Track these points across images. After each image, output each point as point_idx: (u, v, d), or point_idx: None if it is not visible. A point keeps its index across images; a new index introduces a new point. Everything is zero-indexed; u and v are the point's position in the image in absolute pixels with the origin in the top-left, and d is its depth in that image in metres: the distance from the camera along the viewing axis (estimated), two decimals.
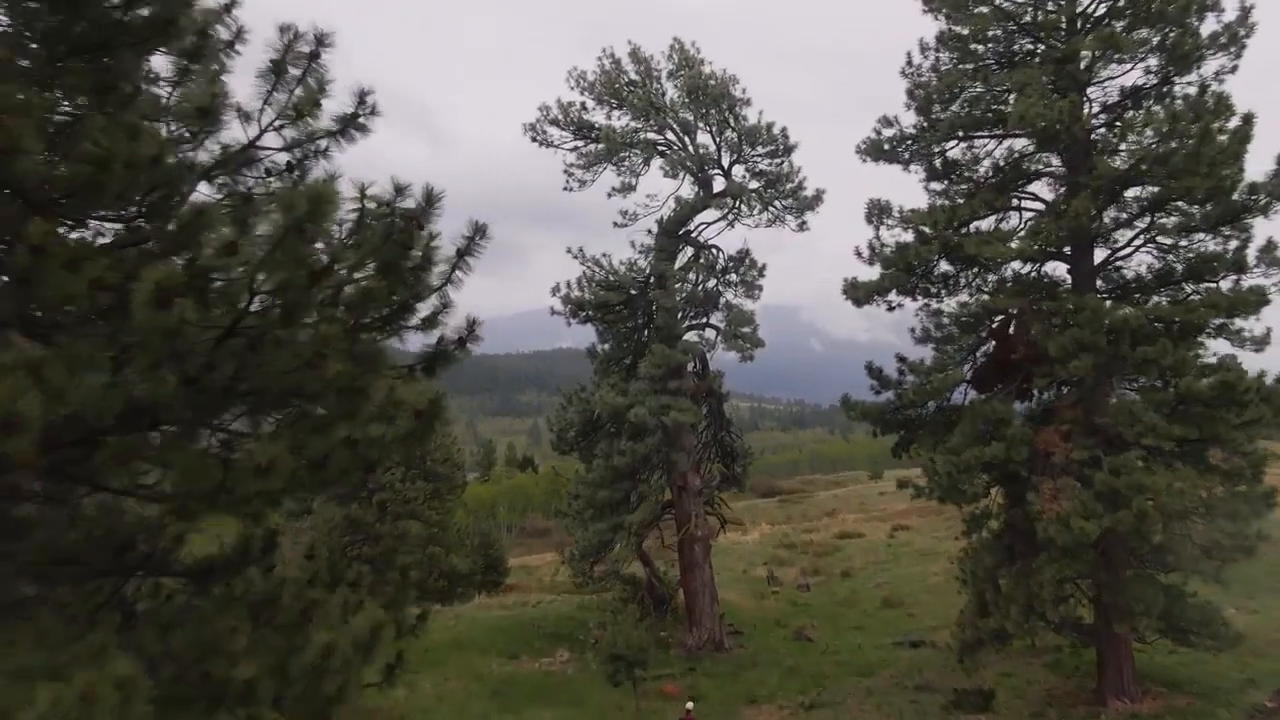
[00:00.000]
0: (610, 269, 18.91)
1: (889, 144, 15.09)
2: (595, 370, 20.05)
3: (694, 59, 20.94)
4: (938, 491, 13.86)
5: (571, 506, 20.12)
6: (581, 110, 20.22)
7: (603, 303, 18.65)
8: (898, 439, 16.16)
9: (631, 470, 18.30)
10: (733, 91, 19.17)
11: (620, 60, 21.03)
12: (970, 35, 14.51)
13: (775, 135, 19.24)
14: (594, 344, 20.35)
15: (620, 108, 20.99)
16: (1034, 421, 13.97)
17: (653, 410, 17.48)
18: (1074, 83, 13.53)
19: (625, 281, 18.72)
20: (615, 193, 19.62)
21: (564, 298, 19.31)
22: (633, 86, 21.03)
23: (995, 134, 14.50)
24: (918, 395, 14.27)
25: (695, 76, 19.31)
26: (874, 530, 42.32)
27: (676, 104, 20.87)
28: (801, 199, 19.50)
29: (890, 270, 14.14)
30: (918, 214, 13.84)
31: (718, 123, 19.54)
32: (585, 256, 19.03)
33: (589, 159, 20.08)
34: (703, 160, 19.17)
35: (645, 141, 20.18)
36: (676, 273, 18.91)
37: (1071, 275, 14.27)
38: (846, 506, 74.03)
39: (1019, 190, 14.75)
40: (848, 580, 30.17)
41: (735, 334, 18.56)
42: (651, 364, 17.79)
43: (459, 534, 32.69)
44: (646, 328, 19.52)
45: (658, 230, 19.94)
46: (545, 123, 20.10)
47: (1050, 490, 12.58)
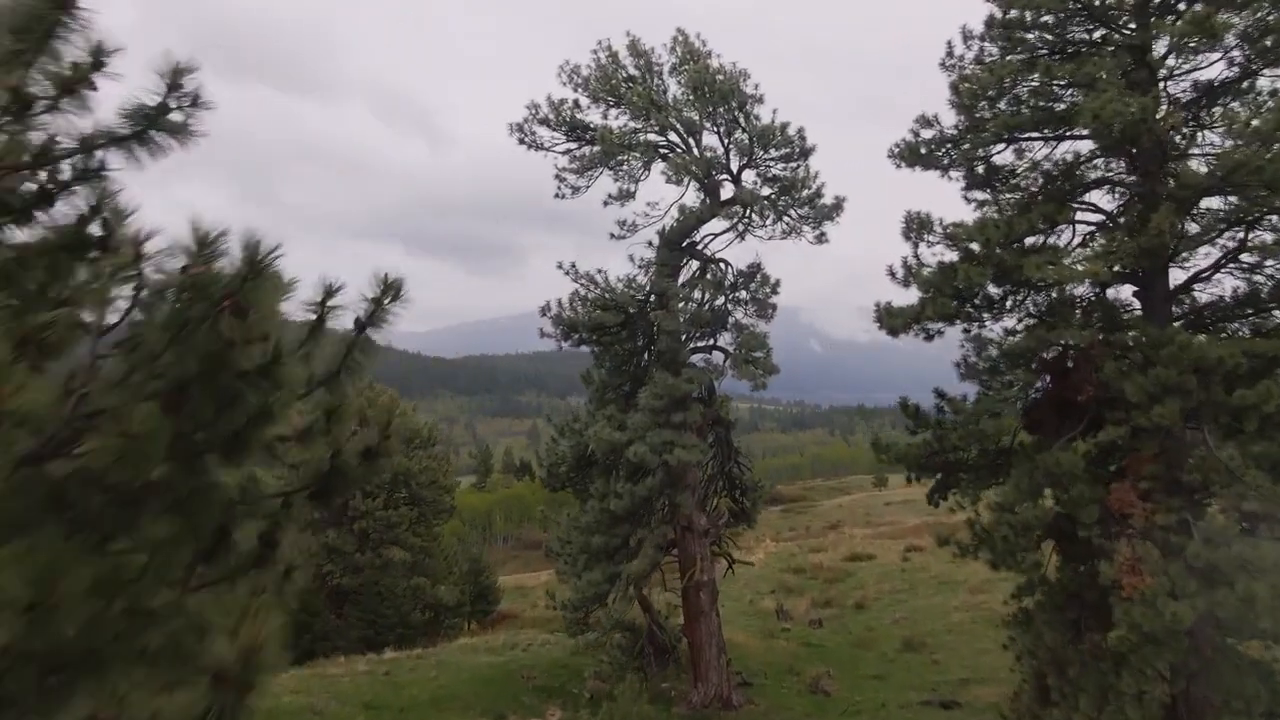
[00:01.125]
0: (606, 286, 16.88)
1: (928, 147, 13.07)
2: (590, 398, 18.02)
3: (699, 52, 18.91)
4: (988, 555, 11.87)
5: (564, 551, 18.10)
6: (574, 109, 18.20)
7: (598, 324, 16.63)
8: (934, 483, 14.15)
9: (630, 514, 16.29)
10: (743, 88, 17.15)
11: (618, 54, 19.01)
12: (1025, 21, 12.50)
13: (790, 137, 17.22)
14: (589, 368, 18.34)
15: (617, 106, 18.96)
16: (1094, 466, 11.98)
17: (654, 448, 15.47)
18: (1150, 76, 11.53)
19: (623, 300, 16.70)
20: (612, 201, 17.59)
21: (555, 318, 17.29)
22: (631, 83, 19.00)
23: (1053, 135, 12.48)
24: (962, 439, 12.26)
25: (701, 72, 17.29)
26: (885, 551, 40.33)
27: (680, 102, 18.85)
28: (820, 208, 17.48)
29: (931, 294, 12.11)
30: (966, 229, 11.81)
31: (726, 123, 17.52)
32: (578, 273, 17.02)
33: (583, 163, 18.05)
34: (709, 164, 17.14)
35: (645, 143, 18.16)
36: (680, 290, 16.87)
37: (1141, 300, 12.25)
38: (852, 518, 72.25)
39: (1078, 201, 12.73)
40: (862, 614, 28.22)
41: (746, 358, 16.54)
42: (653, 394, 15.77)
43: (447, 560, 30.71)
44: (647, 350, 17.51)
45: (659, 242, 17.92)
46: (534, 123, 18.08)
47: (1128, 560, 10.57)
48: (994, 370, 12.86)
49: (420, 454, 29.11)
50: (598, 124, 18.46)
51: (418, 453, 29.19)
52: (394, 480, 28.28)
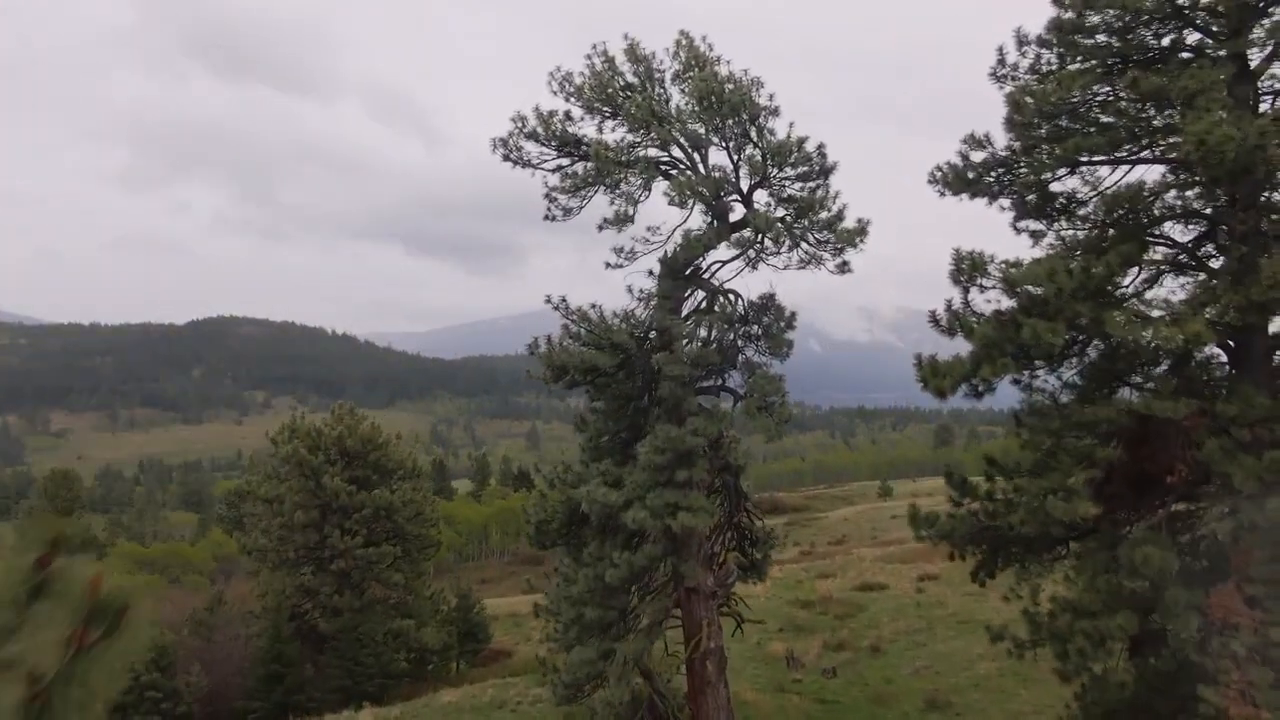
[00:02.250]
0: (600, 322, 14.90)
1: (978, 172, 11.13)
2: (582, 446, 16.03)
3: (705, 57, 16.93)
4: (1056, 659, 9.93)
5: (553, 624, 16.12)
6: (565, 121, 16.22)
7: (590, 366, 14.68)
8: (980, 558, 12.21)
9: (627, 584, 14.33)
10: (756, 98, 15.17)
11: (614, 59, 17.04)
12: (1093, 24, 10.56)
13: (809, 153, 15.24)
14: (580, 412, 16.36)
15: (614, 118, 16.99)
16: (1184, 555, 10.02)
17: (655, 511, 13.53)
18: (1253, 90, 9.60)
19: (619, 339, 14.73)
20: (608, 225, 15.63)
21: (543, 357, 15.32)
22: (629, 91, 17.04)
23: (1130, 159, 10.53)
24: (1026, 519, 10.30)
25: (708, 80, 15.32)
26: (897, 578, 38.34)
27: (684, 113, 16.89)
28: (841, 232, 15.48)
29: (984, 348, 10.15)
30: (1029, 272, 9.85)
31: (736, 137, 15.55)
32: (568, 309, 15.05)
33: (575, 181, 16.06)
34: (718, 184, 15.16)
35: (645, 160, 16.18)
36: (684, 327, 14.88)
37: (1232, 358, 10.31)
38: (858, 532, 70.31)
39: (1154, 237, 10.79)
40: (879, 659, 26.29)
41: (760, 405, 14.57)
42: (654, 449, 13.81)
43: (432, 599, 28.73)
44: (647, 392, 15.54)
45: (661, 271, 15.95)
46: (520, 137, 16.09)
47: (1238, 685, 8.62)
48: (1049, 428, 10.90)
49: (404, 486, 27.14)
50: (592, 138, 16.50)
51: (401, 485, 27.21)
52: (375, 515, 26.31)
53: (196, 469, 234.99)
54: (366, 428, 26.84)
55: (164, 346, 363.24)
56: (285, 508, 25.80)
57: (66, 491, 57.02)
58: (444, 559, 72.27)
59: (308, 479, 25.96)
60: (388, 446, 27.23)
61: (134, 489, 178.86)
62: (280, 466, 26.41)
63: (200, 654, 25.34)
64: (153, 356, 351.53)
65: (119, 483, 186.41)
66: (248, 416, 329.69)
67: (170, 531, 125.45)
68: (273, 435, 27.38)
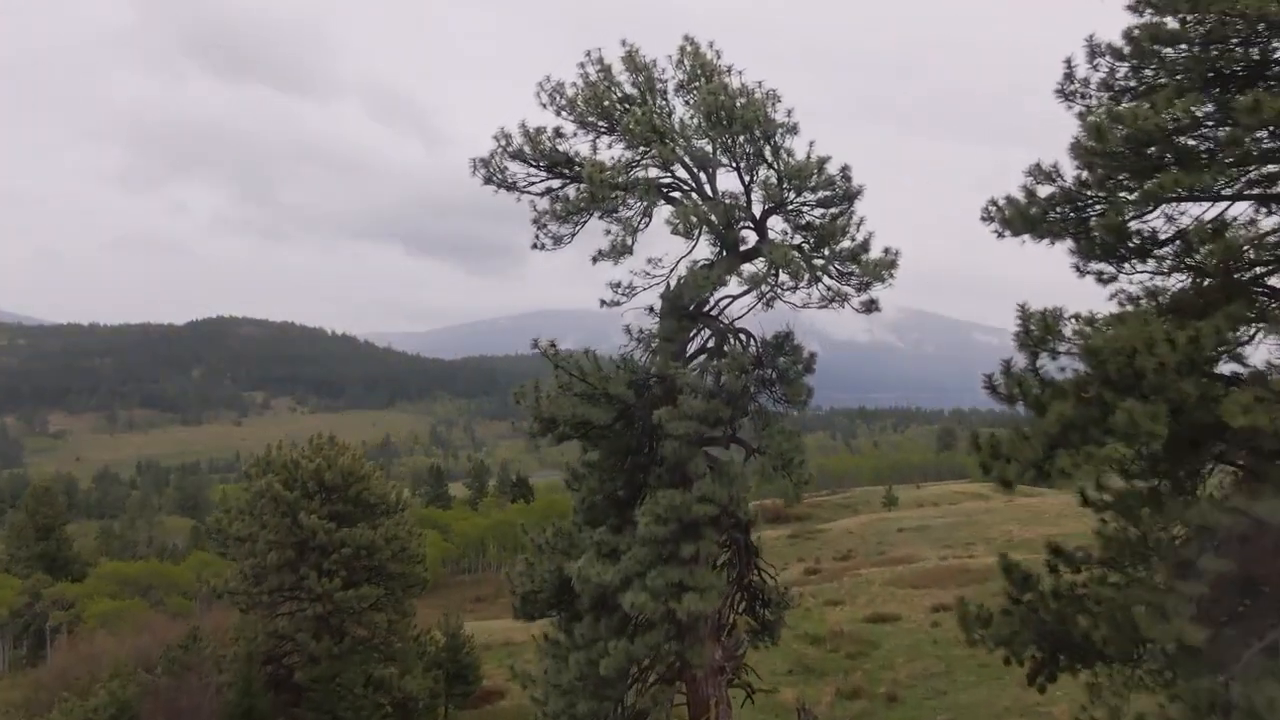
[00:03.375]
0: (596, 371, 13.05)
1: (1044, 209, 9.29)
2: (574, 507, 14.17)
3: (712, 65, 15.10)
4: None
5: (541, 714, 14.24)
6: (555, 139, 14.36)
7: (583, 421, 12.86)
8: (1037, 661, 10.38)
9: (624, 674, 12.51)
10: (771, 114, 13.31)
11: (610, 68, 15.20)
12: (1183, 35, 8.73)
13: (831, 176, 13.39)
14: (572, 466, 14.50)
15: (611, 133, 15.17)
16: None
17: (657, 593, 11.72)
18: None
19: (617, 390, 12.90)
20: (603, 258, 13.78)
21: (530, 409, 13.49)
22: (628, 104, 15.22)
23: (1239, 197, 8.69)
24: (1109, 635, 8.47)
25: (716, 93, 13.47)
26: (910, 607, 36.54)
27: (689, 128, 15.07)
28: (868, 265, 13.63)
29: (1062, 430, 8.31)
30: (1117, 337, 8.02)
31: (749, 156, 13.71)
32: (558, 355, 13.21)
33: (567, 206, 14.20)
34: (728, 211, 13.29)
35: (645, 182, 14.33)
36: (690, 374, 13.00)
37: None
38: (864, 546, 68.36)
39: (1264, 288, 8.95)
40: (896, 710, 24.50)
41: (780, 463, 12.73)
42: (655, 518, 12.00)
43: (418, 640, 26.90)
44: (647, 446, 13.70)
45: (662, 308, 14.13)
46: (504, 156, 14.25)
47: None
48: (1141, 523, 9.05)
49: (386, 522, 25.30)
50: (585, 157, 14.67)
51: (383, 520, 25.39)
52: (355, 554, 24.50)
53: (195, 471, 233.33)
54: (347, 460, 25.01)
55: (163, 347, 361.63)
56: (259, 547, 23.98)
57: (48, 508, 55.24)
58: (439, 575, 70.44)
59: (283, 516, 24.13)
60: (370, 479, 25.39)
61: (130, 493, 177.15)
62: (254, 502, 24.58)
63: (168, 705, 23.55)
64: (152, 357, 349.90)
65: (115, 486, 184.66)
66: (247, 417, 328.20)
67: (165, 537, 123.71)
68: (247, 468, 25.55)
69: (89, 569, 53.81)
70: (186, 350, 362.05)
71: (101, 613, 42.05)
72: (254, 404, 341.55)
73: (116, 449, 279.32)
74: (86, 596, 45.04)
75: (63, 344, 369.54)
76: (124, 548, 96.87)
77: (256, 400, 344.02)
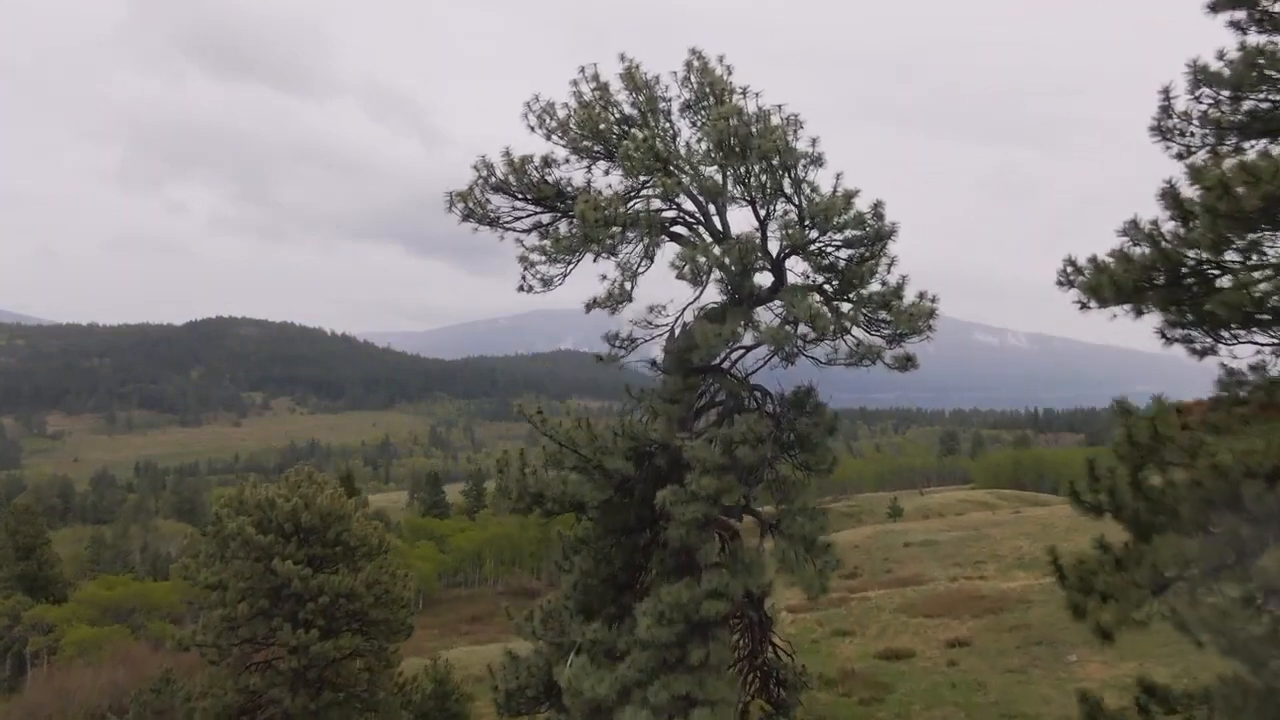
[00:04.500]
0: (590, 442, 11.26)
1: (1140, 275, 7.52)
2: (566, 593, 12.35)
3: (722, 84, 13.32)
4: None
5: None
6: (544, 168, 12.58)
7: (575, 500, 11.10)
8: None
9: None
10: (792, 142, 11.52)
11: (607, 86, 13.43)
12: None
13: (861, 214, 11.60)
14: (564, 545, 12.72)
15: (608, 159, 13.41)
16: None
17: (660, 708, 9.97)
18: None
19: (614, 464, 11.13)
20: (599, 307, 12.00)
21: (514, 482, 11.69)
22: (627, 125, 13.46)
23: None
24: None
25: (729, 117, 11.68)
26: (924, 641, 34.73)
27: (696, 154, 13.32)
28: (903, 315, 11.85)
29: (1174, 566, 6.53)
30: (1249, 452, 6.24)
31: (766, 189, 11.93)
32: (545, 423, 11.44)
33: (558, 245, 12.41)
34: (743, 254, 11.49)
35: (647, 216, 12.56)
36: (698, 445, 11.20)
37: None
38: (870, 563, 66.50)
39: None
40: None
41: (804, 546, 10.95)
42: (657, 618, 10.25)
43: (403, 690, 25.14)
44: (649, 525, 11.95)
45: (666, 362, 12.37)
46: (485, 189, 12.48)
47: None
48: None
49: (368, 565, 23.52)
50: (579, 186, 12.90)
51: (365, 564, 23.61)
52: (333, 602, 22.71)
53: (193, 472, 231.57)
54: (326, 499, 23.24)
55: (162, 347, 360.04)
56: (229, 596, 22.20)
57: (29, 526, 53.47)
58: (434, 590, 68.75)
59: (256, 561, 22.35)
60: (350, 520, 23.60)
61: (126, 496, 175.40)
62: (224, 545, 22.81)
63: None
64: (151, 357, 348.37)
65: (112, 489, 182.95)
66: (246, 418, 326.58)
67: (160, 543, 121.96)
68: (216, 508, 23.79)
69: (72, 589, 52.08)
70: (185, 350, 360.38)
71: (80, 640, 40.35)
72: (253, 404, 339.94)
73: (115, 450, 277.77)
74: (66, 622, 43.33)
75: (61, 344, 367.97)
76: (116, 557, 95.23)
77: (256, 401, 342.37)
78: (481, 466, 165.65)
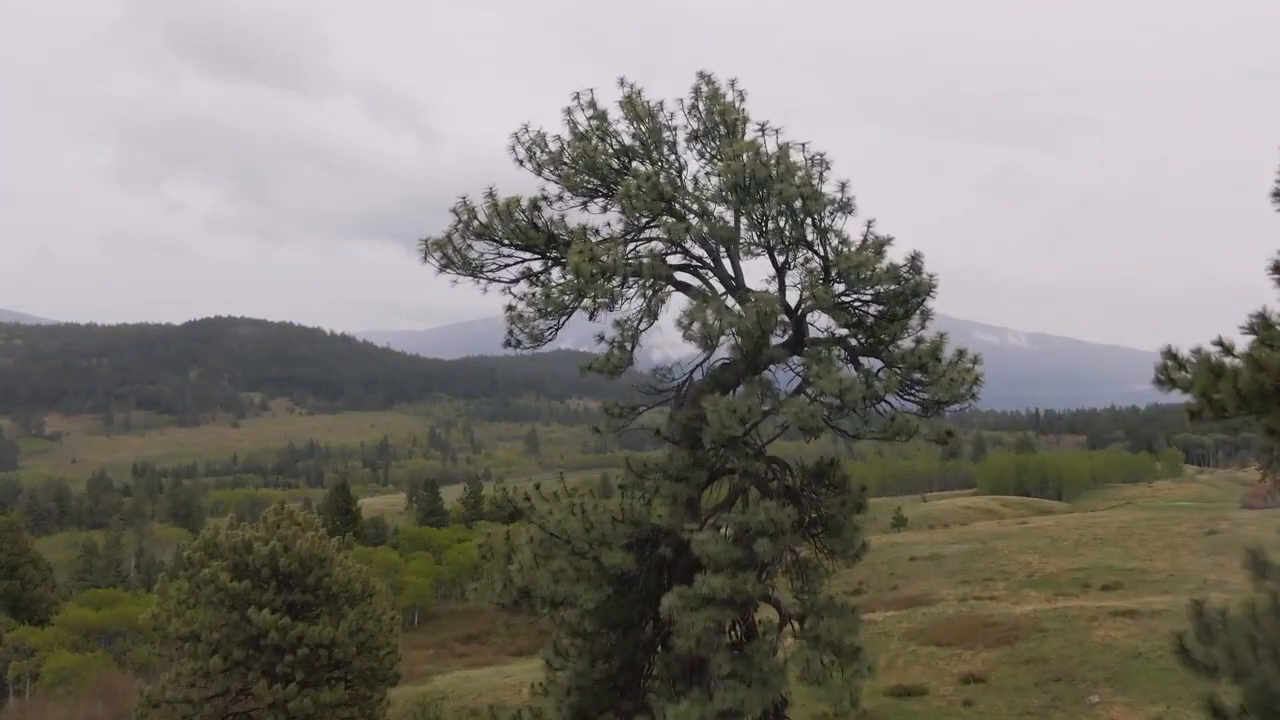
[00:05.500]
0: (587, 531, 9.77)
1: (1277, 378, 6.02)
2: (556, 701, 10.84)
3: (733, 111, 11.85)
4: None
5: None
6: (534, 211, 11.08)
7: (569, 601, 9.64)
8: None
9: None
10: (819, 186, 10.02)
11: (605, 114, 11.94)
12: None
13: (895, 267, 10.11)
14: (555, 640, 11.23)
15: (606, 196, 11.94)
16: None
17: None
18: None
19: (614, 560, 9.65)
20: (594, 371, 10.52)
21: (499, 575, 10.21)
22: (627, 158, 11.98)
23: None
24: None
25: (743, 154, 10.18)
26: (937, 675, 33.28)
27: (706, 189, 11.85)
28: (944, 381, 10.35)
29: None
30: None
31: (786, 237, 10.45)
32: (534, 511, 9.94)
33: (549, 301, 10.93)
34: (760, 314, 9.97)
35: (651, 264, 11.08)
36: (709, 540, 9.70)
37: None
38: (875, 578, 64.99)
39: None
40: None
41: (832, 653, 9.48)
42: None
43: None
44: (653, 621, 10.48)
45: (671, 427, 10.89)
46: (465, 233, 10.98)
47: None
48: None
49: (351, 612, 22.07)
50: (574, 229, 11.41)
51: (348, 610, 22.16)
52: (314, 653, 21.27)
53: (191, 474, 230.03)
54: (307, 542, 21.78)
55: (161, 347, 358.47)
56: (201, 648, 20.76)
57: (11, 544, 52.05)
58: (430, 605, 67.29)
59: (231, 610, 20.91)
60: (332, 564, 22.16)
61: (122, 500, 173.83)
62: (196, 592, 21.37)
63: None
64: (149, 357, 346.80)
65: (108, 493, 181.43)
66: (244, 419, 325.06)
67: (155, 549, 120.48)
68: (188, 552, 22.35)
69: (56, 609, 50.61)
70: (184, 351, 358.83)
71: (60, 668, 38.91)
72: (251, 405, 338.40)
73: (112, 451, 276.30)
74: (47, 647, 41.90)
75: (60, 344, 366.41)
76: (108, 566, 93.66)
77: (254, 401, 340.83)
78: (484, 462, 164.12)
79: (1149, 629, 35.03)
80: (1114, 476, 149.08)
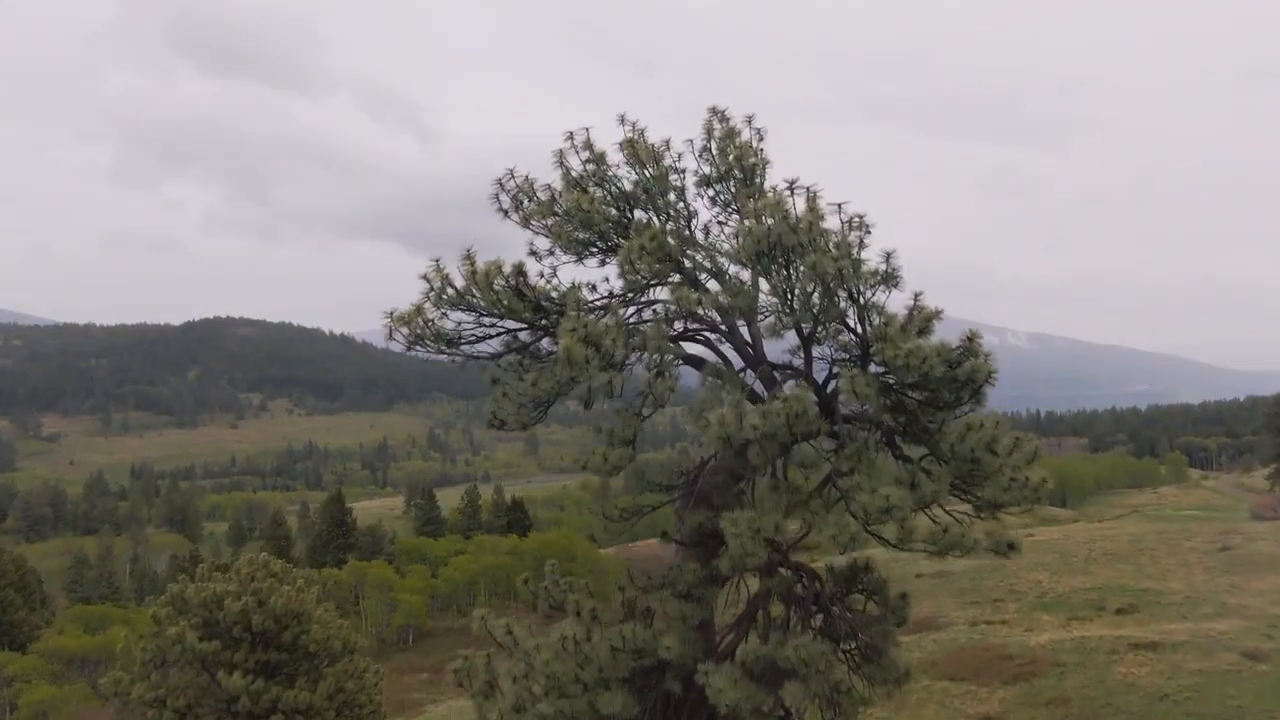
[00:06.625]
0: (581, 668, 8.18)
1: None
2: None
3: (751, 152, 10.25)
4: None
5: None
6: (519, 276, 9.45)
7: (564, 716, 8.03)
8: None
9: None
10: (858, 255, 8.39)
11: (603, 155, 10.32)
12: None
13: (946, 348, 8.48)
14: None
15: (606, 253, 10.33)
16: None
17: None
18: None
19: (613, 709, 8.07)
20: (590, 471, 8.94)
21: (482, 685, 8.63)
22: (627, 204, 10.37)
23: None
24: None
25: (765, 215, 8.56)
26: (952, 716, 31.82)
27: (720, 241, 10.26)
28: (996, 471, 8.74)
29: None
30: None
31: (816, 310, 8.84)
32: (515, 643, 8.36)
33: (537, 389, 9.28)
34: (791, 418, 8.29)
35: (657, 337, 9.45)
36: (725, 673, 8.12)
37: None
38: None
39: None
40: None
41: None
42: None
43: None
44: None
45: (680, 528, 9.31)
46: (441, 301, 9.37)
47: None
48: None
49: (330, 672, 20.47)
50: (565, 293, 9.81)
51: (328, 671, 20.55)
52: (289, 719, 19.65)
53: (188, 476, 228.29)
54: (283, 596, 20.16)
55: (159, 348, 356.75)
56: (167, 715, 19.16)
57: None
58: (425, 624, 65.75)
59: (200, 673, 19.31)
60: (310, 620, 20.53)
61: (119, 504, 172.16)
62: (163, 653, 19.78)
63: None
64: (148, 358, 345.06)
65: (104, 497, 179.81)
66: (243, 419, 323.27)
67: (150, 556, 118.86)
68: (154, 610, 20.75)
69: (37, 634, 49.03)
70: (182, 351, 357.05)
71: (38, 701, 37.36)
72: (250, 406, 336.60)
73: (110, 452, 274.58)
74: (24, 679, 40.36)
75: (58, 344, 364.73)
76: (100, 578, 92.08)
77: (253, 402, 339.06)
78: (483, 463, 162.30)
79: (1173, 665, 33.45)
80: (1118, 482, 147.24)
